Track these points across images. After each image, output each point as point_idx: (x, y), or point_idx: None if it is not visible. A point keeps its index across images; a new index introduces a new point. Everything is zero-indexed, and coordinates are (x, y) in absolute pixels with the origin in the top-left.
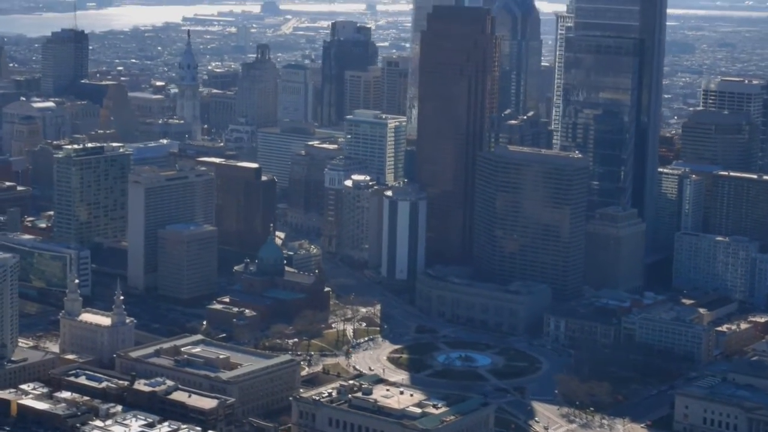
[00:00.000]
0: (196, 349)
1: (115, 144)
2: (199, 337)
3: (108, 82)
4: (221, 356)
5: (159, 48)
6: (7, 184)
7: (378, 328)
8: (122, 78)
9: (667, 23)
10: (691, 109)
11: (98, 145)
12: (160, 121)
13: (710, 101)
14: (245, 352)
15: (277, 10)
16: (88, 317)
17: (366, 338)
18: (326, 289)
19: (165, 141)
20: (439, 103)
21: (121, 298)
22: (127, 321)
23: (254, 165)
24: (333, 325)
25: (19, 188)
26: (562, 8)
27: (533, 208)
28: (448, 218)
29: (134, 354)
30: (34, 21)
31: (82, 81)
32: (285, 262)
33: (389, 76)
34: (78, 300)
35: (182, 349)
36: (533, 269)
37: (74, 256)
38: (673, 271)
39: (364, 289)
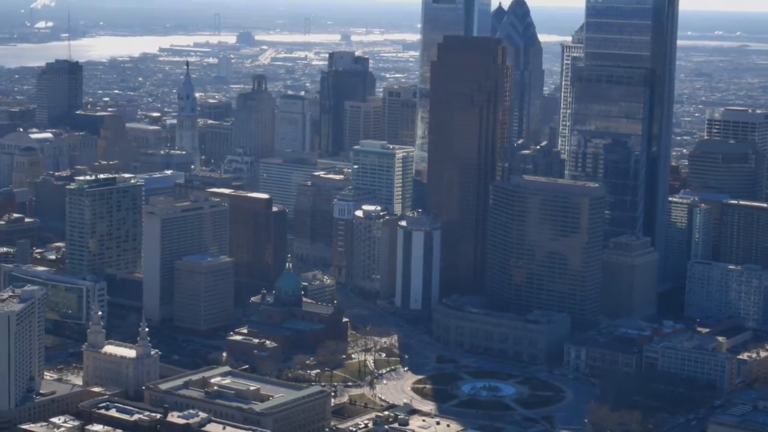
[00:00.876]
0: (226, 381)
1: (126, 175)
2: (226, 368)
3: (103, 113)
4: (252, 388)
5: (140, 79)
6: (15, 215)
7: (398, 359)
8: (110, 108)
9: None
10: (679, 138)
11: (110, 176)
12: (162, 152)
13: (715, 130)
14: (273, 383)
15: (252, 41)
16: (111, 349)
17: (388, 369)
18: (344, 319)
19: (169, 172)
20: (450, 132)
21: (146, 329)
22: (152, 353)
23: (265, 196)
24: (353, 356)
25: (26, 220)
26: (567, 38)
27: (550, 238)
28: (459, 248)
29: (164, 386)
30: (9, 51)
31: (77, 112)
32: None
33: (390, 106)
34: (101, 332)
35: (212, 380)
36: (549, 298)
37: (91, 288)
38: (685, 299)
39: (378, 320)
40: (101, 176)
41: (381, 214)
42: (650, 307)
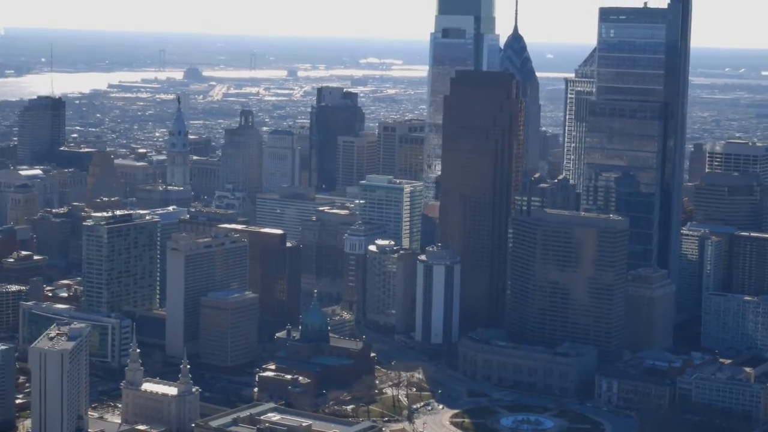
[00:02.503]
0: (276, 417)
1: (141, 212)
2: (271, 404)
3: (88, 150)
4: (304, 424)
5: (98, 115)
6: (23, 253)
7: (429, 393)
8: (82, 145)
9: None
10: None
11: (126, 212)
12: (160, 188)
13: (716, 163)
14: (321, 419)
15: (200, 77)
16: (151, 387)
17: (422, 403)
18: (372, 354)
19: (171, 208)
20: (464, 166)
21: (188, 367)
22: (193, 390)
23: (278, 231)
24: (384, 391)
25: (35, 257)
26: (570, 74)
27: (575, 271)
28: (474, 282)
29: (214, 423)
30: None
31: (61, 148)
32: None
33: (386, 140)
34: (140, 370)
35: (261, 417)
36: (574, 331)
37: (116, 326)
38: (701, 331)
39: (399, 354)
40: (118, 213)
41: (395, 248)
42: (667, 339)
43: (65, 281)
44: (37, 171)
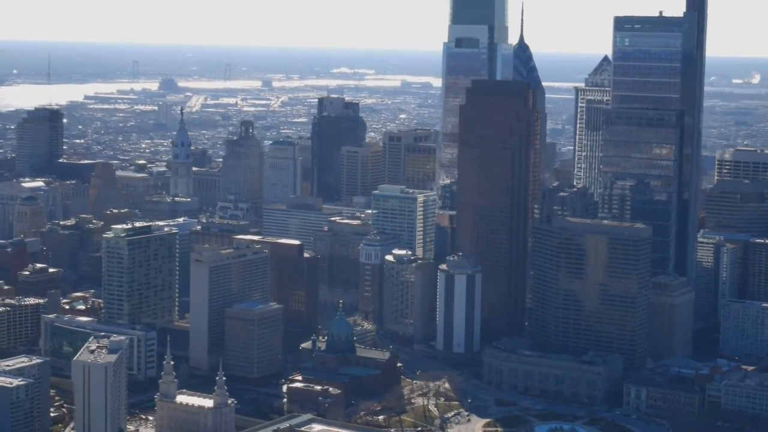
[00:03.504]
0: (316, 429)
1: (160, 223)
2: (309, 416)
3: (87, 161)
4: None
5: (80, 127)
6: (38, 266)
7: (458, 402)
8: (74, 156)
9: None
10: None
11: (146, 224)
12: (168, 199)
13: (725, 171)
14: (359, 429)
15: (175, 88)
16: (186, 399)
17: (452, 413)
18: (398, 364)
19: (182, 219)
20: (481, 175)
21: (224, 378)
22: (229, 402)
23: (296, 242)
24: (413, 401)
25: (50, 270)
26: (580, 84)
27: (599, 279)
28: (493, 291)
29: None
30: None
31: (60, 160)
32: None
33: (391, 150)
34: (174, 382)
35: (303, 429)
36: (598, 340)
37: (142, 338)
38: (720, 338)
39: (421, 364)
40: (137, 224)
41: (412, 258)
42: (687, 346)
43: (78, 293)
44: (39, 183)
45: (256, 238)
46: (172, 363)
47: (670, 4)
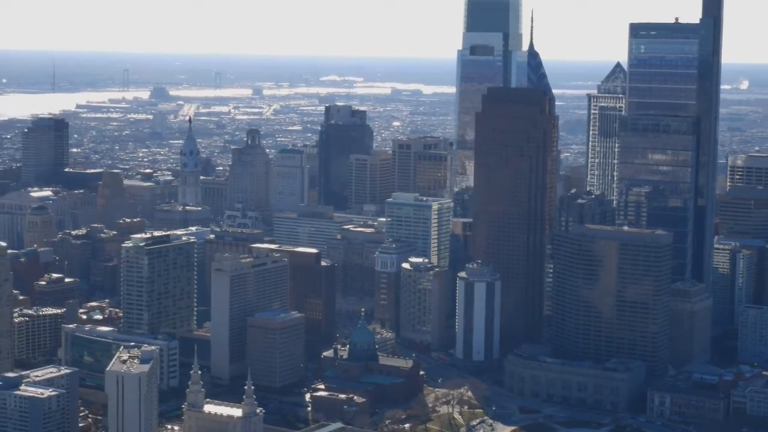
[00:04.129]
0: None
1: (178, 232)
2: (339, 425)
3: (93, 171)
4: None
5: (76, 136)
6: (54, 275)
7: (482, 410)
8: (77, 165)
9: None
10: None
11: (165, 233)
12: (179, 209)
13: (737, 177)
14: None
15: (167, 96)
16: (214, 408)
17: (477, 420)
18: (421, 372)
19: (194, 228)
20: (498, 183)
21: (252, 387)
22: (257, 411)
23: (313, 250)
24: (437, 409)
25: (66, 280)
26: (592, 91)
27: (619, 285)
28: (510, 299)
29: None
30: None
31: (66, 169)
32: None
33: (401, 158)
34: (201, 391)
35: None
36: (619, 346)
37: (164, 348)
38: (738, 344)
39: (440, 372)
40: (156, 233)
41: (429, 265)
42: (706, 352)
43: (93, 303)
44: (47, 192)
45: (272, 246)
46: (199, 373)
47: (680, 12)
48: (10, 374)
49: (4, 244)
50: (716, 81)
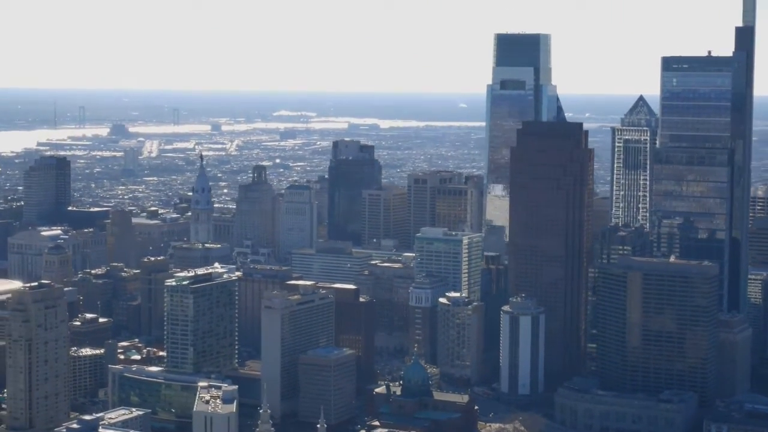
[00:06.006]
0: None
1: (219, 270)
2: None
3: (97, 209)
4: None
5: None
6: (88, 316)
7: None
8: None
9: None
10: None
11: (207, 271)
12: (199, 246)
13: (758, 207)
14: None
15: (127, 133)
16: None
17: None
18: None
19: (218, 265)
20: (535, 217)
21: (325, 425)
22: None
23: (352, 286)
24: None
25: (101, 320)
26: (616, 124)
27: (669, 317)
28: (550, 332)
29: None
30: None
31: (69, 208)
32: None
33: (416, 193)
34: (271, 430)
35: None
36: (669, 378)
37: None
38: None
39: (485, 406)
40: (199, 272)
41: (467, 300)
42: (746, 382)
43: (124, 342)
44: (57, 231)
45: (308, 283)
46: (269, 412)
47: (710, 45)
48: (87, 417)
49: (48, 282)
50: (749, 113)
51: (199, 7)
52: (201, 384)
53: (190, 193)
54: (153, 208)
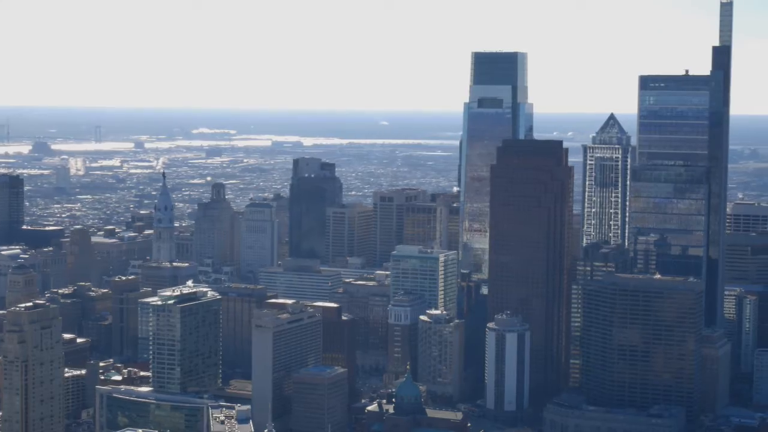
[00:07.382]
0: None
1: (203, 288)
2: None
3: (52, 228)
4: None
5: None
6: (66, 336)
7: None
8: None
9: None
10: None
11: (192, 290)
12: (168, 265)
13: (726, 224)
14: None
15: (49, 151)
16: None
17: None
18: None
19: (191, 283)
20: (515, 234)
21: None
22: None
23: (334, 305)
24: None
25: (78, 340)
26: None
27: (654, 332)
28: (536, 349)
29: None
30: None
31: (24, 227)
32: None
33: (382, 211)
34: None
35: None
36: (654, 393)
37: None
38: (753, 387)
39: (473, 423)
40: (184, 291)
41: (448, 317)
42: (725, 396)
43: (101, 363)
44: (17, 250)
45: (289, 301)
46: (274, 431)
47: (678, 64)
48: None
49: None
50: (726, 131)
51: (114, 24)
52: (209, 404)
53: (143, 211)
54: (110, 227)
